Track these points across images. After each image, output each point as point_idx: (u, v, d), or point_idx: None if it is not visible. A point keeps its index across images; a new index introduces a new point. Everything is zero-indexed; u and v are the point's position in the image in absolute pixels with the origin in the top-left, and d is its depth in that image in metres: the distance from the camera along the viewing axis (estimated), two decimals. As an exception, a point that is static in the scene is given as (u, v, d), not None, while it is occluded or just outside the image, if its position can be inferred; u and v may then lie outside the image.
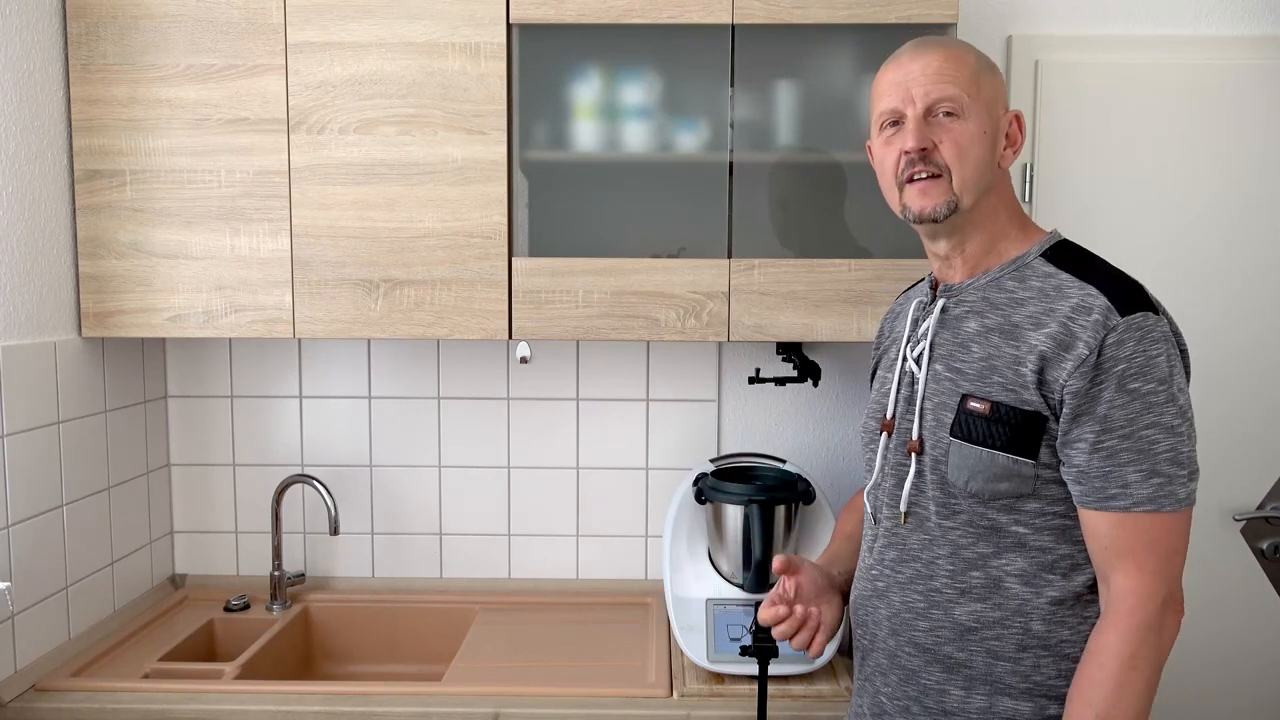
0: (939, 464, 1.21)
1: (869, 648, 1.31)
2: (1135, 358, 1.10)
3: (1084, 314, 1.13)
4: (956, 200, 1.19)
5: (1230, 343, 2.06)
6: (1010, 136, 1.24)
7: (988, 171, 1.21)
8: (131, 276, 1.81)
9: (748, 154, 1.78)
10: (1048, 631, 1.17)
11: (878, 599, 1.29)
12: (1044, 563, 1.17)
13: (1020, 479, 1.15)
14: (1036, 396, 1.14)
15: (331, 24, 1.75)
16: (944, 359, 1.23)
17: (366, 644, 2.08)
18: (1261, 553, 2.09)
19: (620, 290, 1.79)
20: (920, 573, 1.24)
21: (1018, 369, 1.15)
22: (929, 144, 1.19)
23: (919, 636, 1.23)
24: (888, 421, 1.29)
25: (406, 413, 2.17)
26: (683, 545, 1.83)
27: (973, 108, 1.19)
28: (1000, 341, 1.18)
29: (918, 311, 1.31)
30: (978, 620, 1.19)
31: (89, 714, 1.61)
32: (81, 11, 1.76)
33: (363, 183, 1.78)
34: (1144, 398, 1.10)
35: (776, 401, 2.16)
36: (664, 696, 1.65)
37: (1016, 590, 1.18)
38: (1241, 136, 2.02)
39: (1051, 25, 2.05)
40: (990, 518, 1.18)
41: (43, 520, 1.72)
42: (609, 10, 1.73)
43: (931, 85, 1.19)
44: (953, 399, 1.20)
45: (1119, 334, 1.10)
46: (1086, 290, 1.14)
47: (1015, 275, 1.22)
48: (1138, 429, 1.10)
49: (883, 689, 1.29)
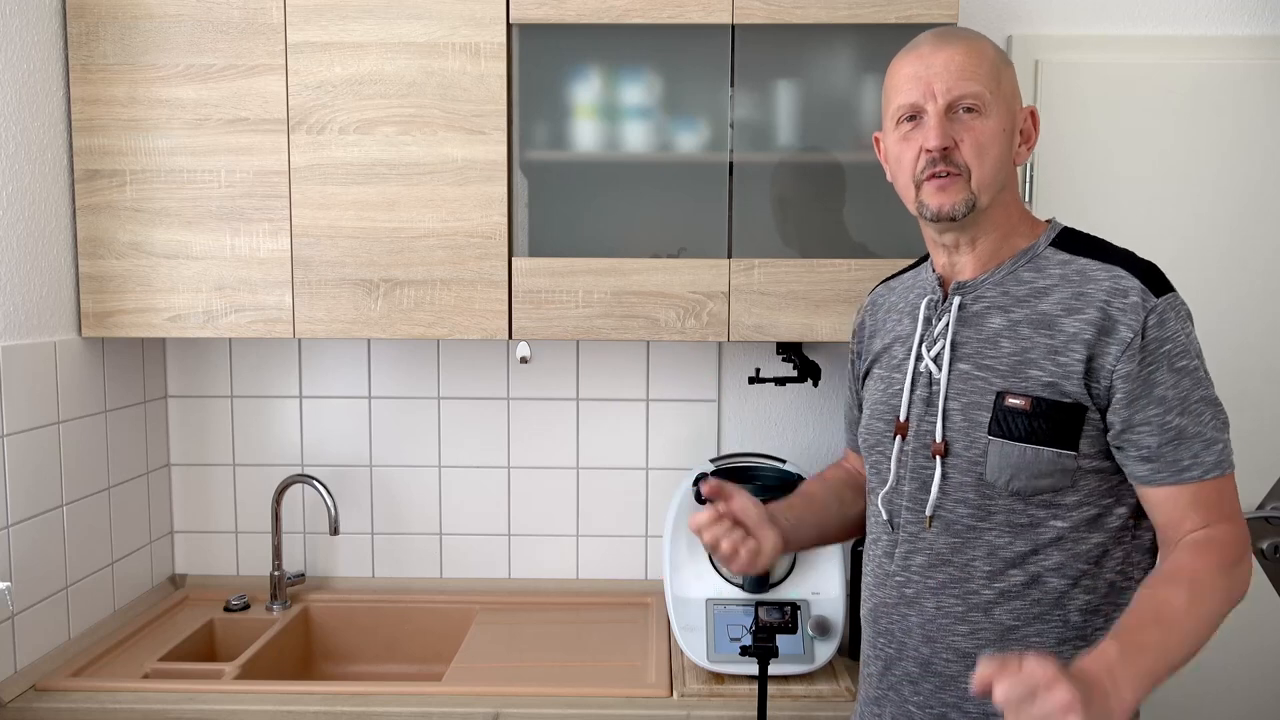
0: (975, 464, 1.18)
1: (894, 656, 1.27)
2: (1177, 336, 1.13)
3: (1120, 297, 1.14)
4: (975, 199, 1.18)
5: (1230, 343, 2.05)
6: (1025, 133, 1.23)
7: (1005, 169, 1.20)
8: (131, 276, 1.81)
9: (748, 154, 1.78)
10: (1084, 621, 1.17)
11: (906, 606, 1.25)
12: (1078, 553, 1.17)
13: (1063, 473, 1.15)
14: (1079, 387, 1.14)
15: (331, 24, 1.75)
16: (970, 357, 1.21)
17: (366, 644, 2.08)
18: (1262, 553, 2.09)
19: (620, 290, 1.79)
20: (954, 576, 1.21)
21: (1057, 359, 1.15)
22: (951, 142, 1.17)
23: (958, 641, 1.21)
24: (902, 424, 1.26)
25: (406, 413, 2.17)
26: (683, 545, 1.83)
27: (994, 104, 1.17)
28: (1032, 333, 1.17)
29: (929, 310, 1.27)
30: (1018, 618, 1.18)
31: (89, 714, 1.61)
32: (81, 11, 1.76)
33: (363, 183, 1.78)
34: (1191, 374, 1.13)
35: (776, 401, 2.16)
36: (664, 696, 1.65)
37: (1054, 584, 1.17)
38: (1242, 137, 2.02)
39: (1051, 25, 2.05)
40: (1030, 514, 1.17)
41: (43, 520, 1.73)
42: (609, 10, 1.73)
43: (955, 81, 1.16)
44: (986, 397, 1.18)
45: (1159, 314, 1.13)
46: (1115, 273, 1.15)
47: (1030, 266, 1.21)
48: (1191, 403, 1.13)
49: (912, 698, 1.25)
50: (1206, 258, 2.05)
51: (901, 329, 1.32)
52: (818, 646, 1.69)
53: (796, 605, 1.72)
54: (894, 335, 1.34)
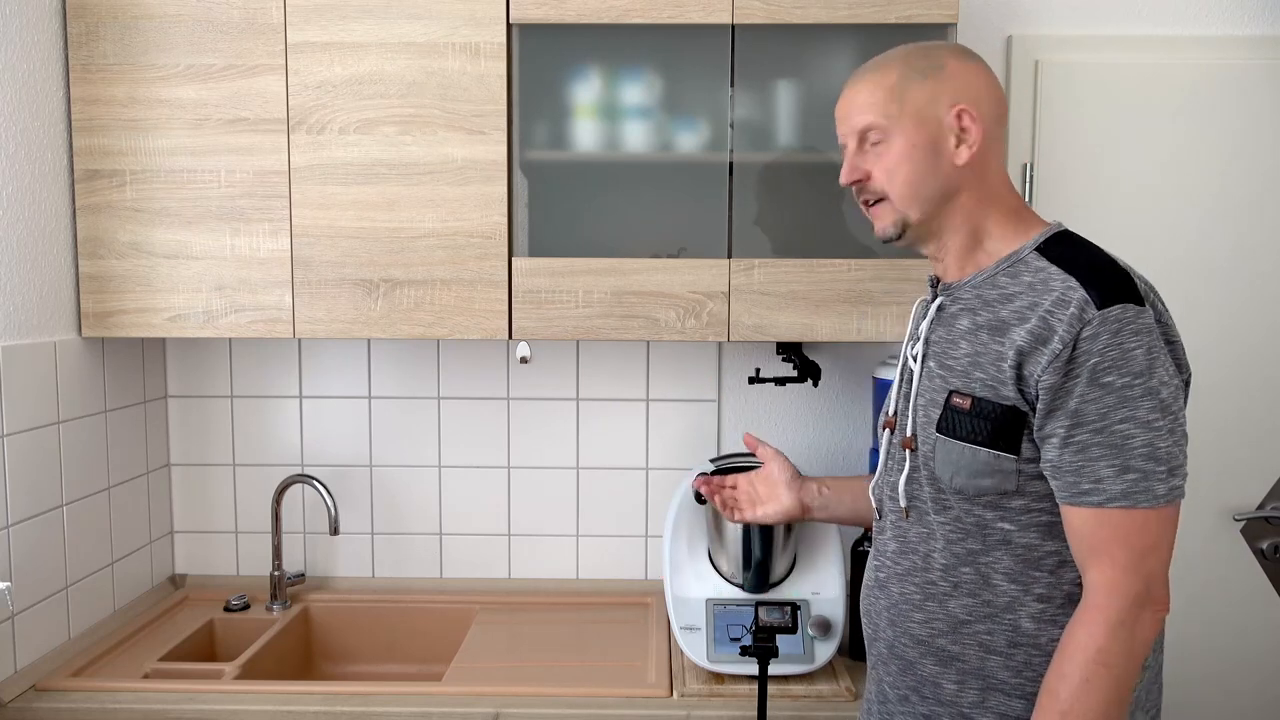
0: (929, 460, 1.22)
1: (872, 637, 1.34)
2: (1109, 351, 1.08)
3: (1062, 307, 1.10)
4: (903, 217, 1.23)
5: (1230, 343, 2.06)
6: (960, 133, 1.20)
7: (931, 180, 1.20)
8: (131, 276, 1.81)
9: (748, 154, 1.78)
10: (1037, 630, 1.17)
11: (878, 589, 1.32)
12: (1030, 559, 1.17)
13: (1002, 474, 1.16)
14: (1014, 392, 1.14)
15: (331, 24, 1.75)
16: (936, 356, 1.25)
17: (366, 644, 2.08)
18: (1261, 553, 2.09)
19: (620, 290, 1.79)
20: (917, 565, 1.26)
21: (999, 364, 1.15)
22: (861, 175, 1.25)
23: (915, 628, 1.25)
24: (890, 419, 1.32)
25: (406, 413, 2.17)
26: (683, 545, 1.83)
27: (896, 127, 1.20)
28: (988, 338, 1.18)
29: (919, 310, 1.33)
30: (970, 614, 1.20)
31: (89, 714, 1.61)
32: (81, 11, 1.76)
33: (363, 183, 1.78)
34: (1118, 391, 1.08)
35: (776, 401, 2.16)
36: (664, 696, 1.65)
37: (1005, 587, 1.18)
38: (1242, 137, 2.02)
39: (1051, 25, 2.05)
40: (976, 514, 1.19)
41: (43, 520, 1.72)
42: (609, 10, 1.73)
43: (855, 118, 1.24)
44: (941, 395, 1.21)
45: (1094, 327, 1.08)
46: (1068, 283, 1.12)
47: (1009, 271, 1.21)
48: (1110, 424, 1.08)
49: (885, 677, 1.32)
50: (1206, 258, 2.05)
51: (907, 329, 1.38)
52: (818, 646, 1.70)
53: (796, 605, 1.73)
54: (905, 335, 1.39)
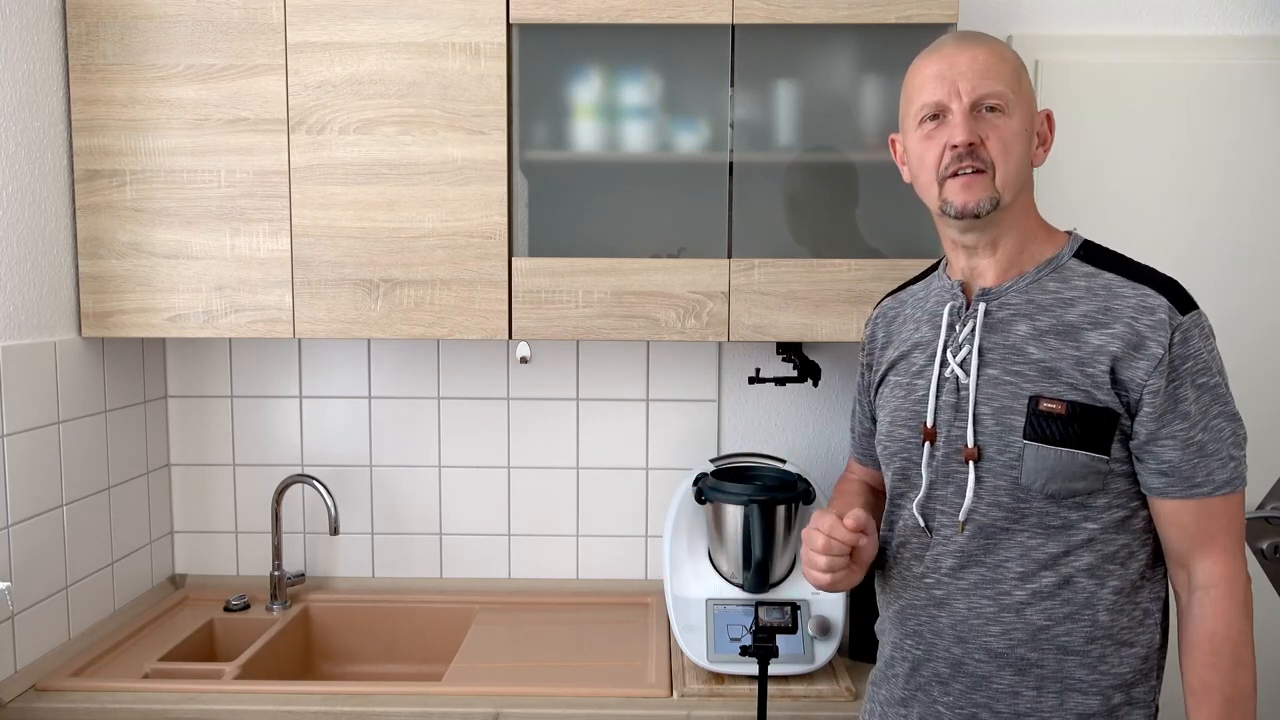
0: (1010, 468, 1.20)
1: (923, 658, 1.28)
2: (1200, 354, 1.16)
3: (1148, 314, 1.16)
4: (999, 197, 1.20)
5: (1231, 344, 2.05)
6: (1041, 136, 1.26)
7: (1026, 170, 1.22)
8: (131, 276, 1.81)
9: (748, 154, 1.78)
10: (1111, 621, 1.20)
11: (935, 608, 1.27)
12: (1107, 554, 1.20)
13: (1096, 475, 1.18)
14: (1110, 395, 1.16)
15: (331, 24, 1.75)
16: (999, 363, 1.22)
17: (366, 644, 2.08)
18: (1262, 552, 2.09)
19: (620, 290, 1.79)
20: (986, 578, 1.23)
21: (1084, 370, 1.17)
22: (977, 138, 1.18)
23: (991, 642, 1.23)
24: (929, 429, 1.26)
25: (406, 413, 2.17)
26: (683, 545, 1.83)
27: (1016, 105, 1.20)
28: (1058, 343, 1.19)
29: (952, 316, 1.27)
30: (1049, 618, 1.21)
31: (89, 714, 1.61)
32: (81, 11, 1.76)
33: (363, 183, 1.78)
34: (1212, 390, 1.17)
35: (776, 401, 2.16)
36: (664, 696, 1.65)
37: (1084, 584, 1.20)
38: (1243, 137, 2.02)
39: (1052, 25, 2.05)
40: (1063, 516, 1.19)
41: (43, 520, 1.73)
42: (609, 10, 1.73)
43: (979, 80, 1.18)
44: (1018, 402, 1.19)
45: (1184, 332, 1.16)
46: (1143, 291, 1.18)
47: (1055, 276, 1.22)
48: (1210, 419, 1.17)
49: (941, 698, 1.27)
50: (1208, 257, 2.05)
51: (920, 336, 1.32)
52: (818, 646, 1.70)
53: (796, 605, 1.72)
54: (912, 342, 1.33)
